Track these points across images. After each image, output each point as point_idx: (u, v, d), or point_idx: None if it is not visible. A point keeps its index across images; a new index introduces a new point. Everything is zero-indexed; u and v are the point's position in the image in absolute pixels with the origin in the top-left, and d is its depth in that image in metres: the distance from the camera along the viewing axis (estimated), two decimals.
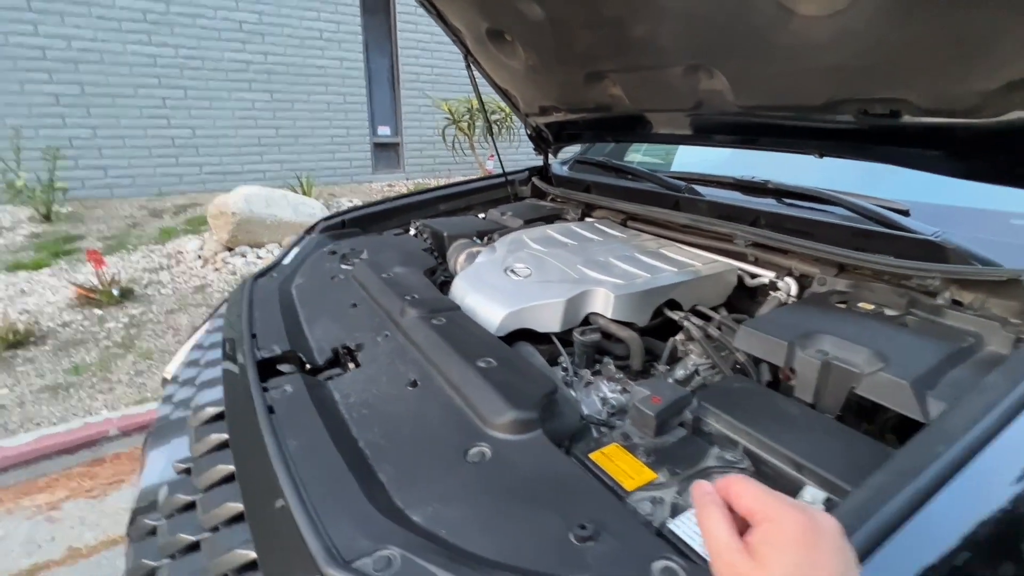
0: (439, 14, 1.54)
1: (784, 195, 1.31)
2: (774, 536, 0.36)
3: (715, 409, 0.80)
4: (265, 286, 1.36)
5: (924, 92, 0.80)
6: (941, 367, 0.76)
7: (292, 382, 0.86)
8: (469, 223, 1.75)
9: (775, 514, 0.37)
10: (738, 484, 0.41)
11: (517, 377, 0.80)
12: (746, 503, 0.39)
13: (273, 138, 6.39)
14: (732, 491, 0.40)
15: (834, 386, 0.82)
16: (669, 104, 1.28)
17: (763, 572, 0.35)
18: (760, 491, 0.39)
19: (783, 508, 0.37)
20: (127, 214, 5.12)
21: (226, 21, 5.75)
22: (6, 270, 3.82)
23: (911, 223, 1.04)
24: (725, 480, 0.42)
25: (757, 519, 0.38)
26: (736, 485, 0.41)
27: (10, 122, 4.85)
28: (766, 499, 0.38)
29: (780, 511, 0.37)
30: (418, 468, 0.67)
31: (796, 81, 0.94)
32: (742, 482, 0.41)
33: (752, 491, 0.39)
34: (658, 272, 1.18)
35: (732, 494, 0.40)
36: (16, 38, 4.80)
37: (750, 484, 0.40)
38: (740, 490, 0.40)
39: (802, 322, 0.93)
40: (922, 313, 0.92)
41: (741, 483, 0.41)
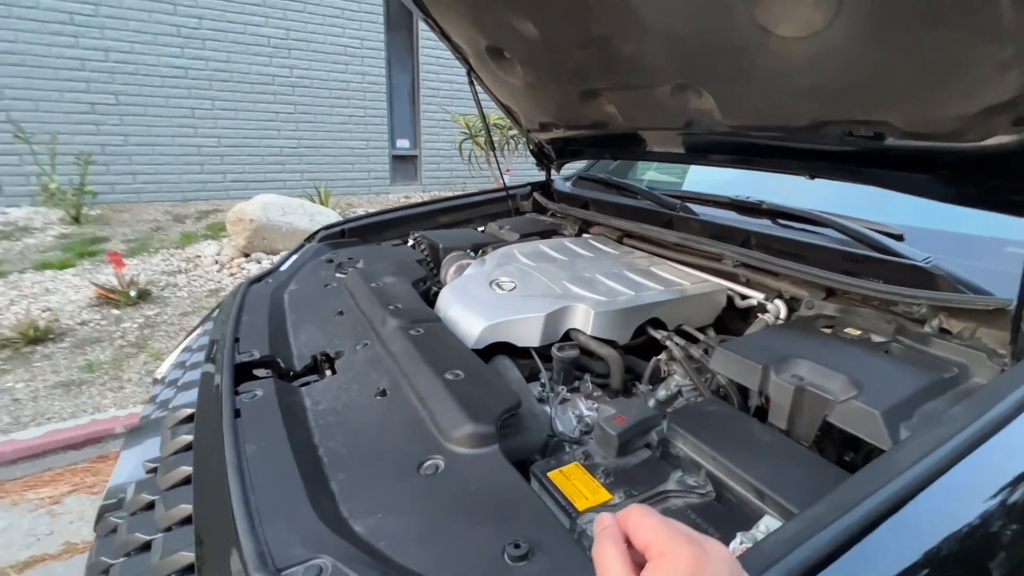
0: (442, 31, 1.58)
1: (778, 215, 1.29)
2: (665, 571, 0.35)
3: (684, 432, 0.79)
4: (259, 291, 1.38)
5: (905, 115, 0.78)
6: (919, 397, 0.74)
7: (264, 387, 0.87)
8: (466, 236, 1.76)
9: (667, 547, 0.36)
10: (636, 516, 0.39)
11: (481, 391, 0.80)
12: (642, 537, 0.38)
13: (295, 149, 6.57)
14: (630, 523, 0.39)
15: (808, 413, 0.80)
16: (661, 123, 1.28)
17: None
18: (656, 523, 0.38)
19: (675, 541, 0.36)
20: (152, 218, 5.30)
21: (255, 36, 5.98)
22: (33, 269, 3.98)
23: (903, 248, 1.01)
24: (625, 512, 0.41)
25: (651, 553, 0.37)
26: (634, 517, 0.39)
27: (48, 128, 5.09)
28: (660, 532, 0.37)
29: (672, 545, 0.36)
30: (370, 478, 0.67)
31: (780, 101, 0.93)
32: (640, 514, 0.39)
33: (648, 523, 0.38)
34: (643, 290, 1.17)
35: (630, 526, 0.39)
36: (57, 49, 5.06)
37: (648, 516, 0.39)
38: (637, 523, 0.39)
39: (781, 346, 0.90)
40: (908, 341, 0.89)
41: (639, 515, 0.39)
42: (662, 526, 0.38)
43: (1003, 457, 0.58)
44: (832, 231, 1.14)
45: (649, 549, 0.37)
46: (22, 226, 4.74)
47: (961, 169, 0.83)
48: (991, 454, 0.56)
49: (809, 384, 0.80)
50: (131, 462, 0.85)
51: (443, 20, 1.50)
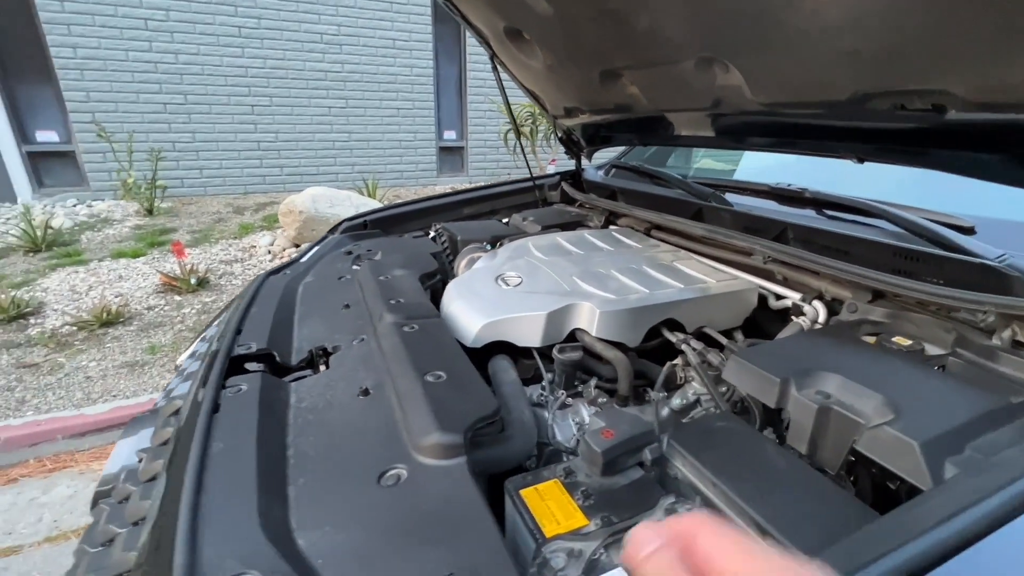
0: (461, 14, 1.52)
1: (824, 205, 1.14)
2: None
3: (683, 451, 0.69)
4: (275, 283, 1.40)
5: (968, 81, 0.64)
6: (974, 427, 0.60)
7: (250, 381, 0.86)
8: (486, 227, 1.70)
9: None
10: (704, 532, 0.29)
11: (459, 396, 0.74)
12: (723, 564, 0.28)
13: (347, 142, 6.76)
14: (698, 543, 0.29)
15: (834, 437, 0.68)
16: (687, 103, 1.16)
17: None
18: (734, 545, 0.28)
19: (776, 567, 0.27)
20: (215, 210, 5.64)
21: (309, 33, 6.17)
22: (111, 257, 4.34)
23: (972, 243, 0.85)
24: (684, 523, 0.30)
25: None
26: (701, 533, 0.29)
27: (127, 127, 5.52)
28: (745, 558, 0.27)
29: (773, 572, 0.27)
30: (330, 485, 0.64)
31: (816, 72, 0.80)
32: (709, 529, 0.29)
33: (724, 544, 0.28)
34: (659, 287, 1.07)
35: (699, 547, 0.29)
36: (134, 54, 5.46)
37: (719, 532, 0.29)
38: (709, 544, 0.28)
39: (810, 355, 0.78)
40: (969, 355, 0.75)
41: (708, 530, 0.29)
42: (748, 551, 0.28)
43: None
44: (886, 223, 0.99)
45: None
46: (104, 218, 5.19)
47: None
48: None
49: (836, 403, 0.69)
50: (126, 451, 0.87)
51: (460, 1, 1.43)
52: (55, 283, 3.88)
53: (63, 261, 4.21)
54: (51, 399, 2.78)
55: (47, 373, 2.97)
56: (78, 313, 3.49)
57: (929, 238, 0.89)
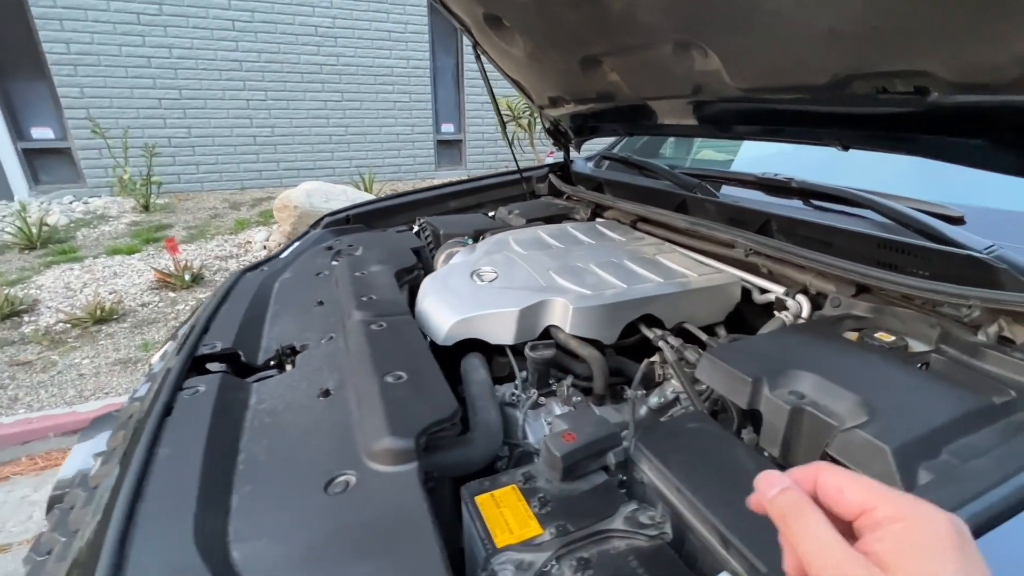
0: (441, 1, 1.47)
1: (809, 195, 1.10)
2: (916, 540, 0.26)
3: (650, 455, 0.66)
4: (251, 280, 1.37)
5: (951, 61, 0.60)
6: (953, 429, 0.57)
7: (208, 383, 0.83)
8: (471, 221, 1.67)
9: (909, 512, 0.27)
10: (836, 472, 0.30)
11: (416, 398, 0.71)
12: (856, 497, 0.28)
13: (343, 136, 6.71)
14: (829, 481, 0.30)
15: (807, 440, 0.65)
16: (668, 90, 1.11)
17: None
18: (871, 481, 0.29)
19: (916, 504, 0.27)
20: (211, 206, 5.62)
21: (303, 26, 6.11)
22: (106, 254, 4.33)
23: (960, 234, 0.81)
24: (809, 469, 0.31)
25: (878, 517, 0.27)
26: (834, 473, 0.30)
27: (122, 123, 5.49)
28: (885, 492, 0.28)
29: (914, 508, 0.27)
30: (276, 493, 0.61)
31: (792, 54, 0.76)
32: (839, 470, 0.30)
33: (860, 481, 0.29)
34: (637, 282, 1.03)
35: (829, 486, 0.30)
36: (127, 49, 5.42)
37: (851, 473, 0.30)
38: (841, 481, 0.29)
39: (785, 353, 0.75)
40: (953, 352, 0.71)
41: (839, 471, 0.30)
42: (881, 485, 0.29)
43: None
44: (873, 213, 0.95)
45: (873, 513, 0.27)
46: (100, 214, 5.18)
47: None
48: None
49: (810, 404, 0.65)
50: (82, 455, 0.85)
51: None
52: (50, 280, 3.87)
53: (58, 258, 4.20)
54: (44, 397, 2.78)
55: (40, 371, 2.96)
56: (72, 310, 3.48)
57: (916, 228, 0.85)
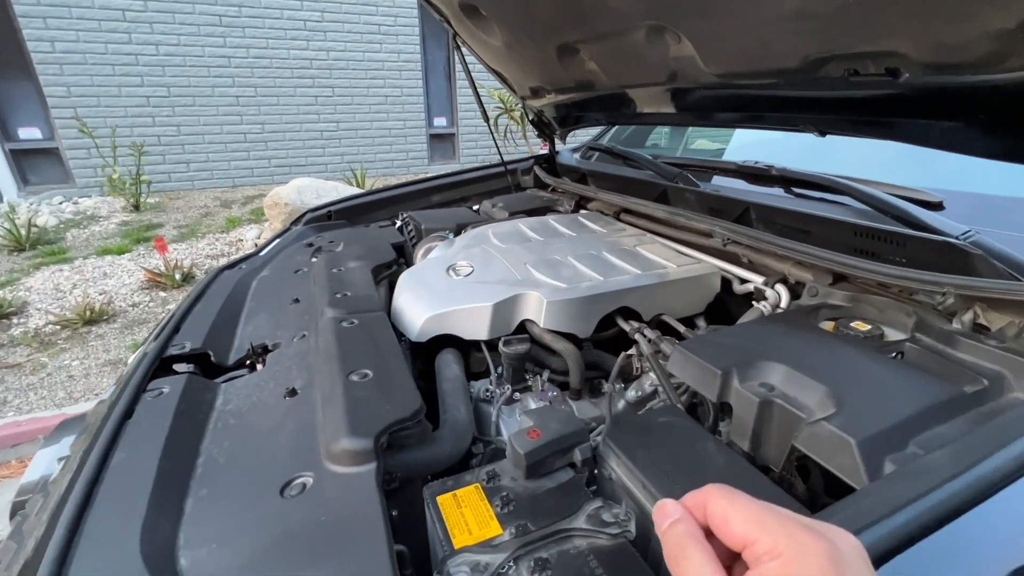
0: None
1: (789, 183, 1.08)
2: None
3: (617, 450, 0.65)
4: (229, 278, 1.35)
5: (918, 40, 0.58)
6: (922, 420, 0.55)
7: (173, 384, 0.82)
8: (453, 215, 1.65)
9: (785, 545, 0.26)
10: (721, 501, 0.30)
11: (380, 397, 0.70)
12: (738, 529, 0.28)
13: (335, 132, 6.66)
14: (715, 512, 0.30)
15: (777, 433, 0.64)
16: (645, 78, 1.09)
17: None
18: (754, 510, 0.29)
19: (794, 536, 0.26)
20: (202, 204, 5.58)
21: (291, 21, 6.04)
22: (95, 254, 4.30)
23: (938, 220, 0.79)
24: (700, 495, 0.32)
25: (758, 552, 0.27)
26: (719, 503, 0.30)
27: (110, 122, 5.44)
28: (766, 523, 0.28)
29: (791, 540, 0.26)
30: (231, 496, 0.60)
31: (762, 37, 0.73)
32: (725, 498, 0.30)
33: (743, 511, 0.29)
34: (615, 274, 1.01)
35: (716, 517, 0.30)
36: (113, 46, 5.35)
37: (736, 500, 0.30)
38: (726, 511, 0.30)
39: (758, 344, 0.73)
40: (928, 340, 0.69)
41: (724, 500, 0.30)
42: (764, 513, 0.28)
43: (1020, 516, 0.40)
44: (852, 200, 0.93)
45: (754, 547, 0.27)
46: (90, 215, 5.14)
47: (1003, 111, 0.61)
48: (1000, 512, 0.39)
49: (780, 396, 0.64)
50: (47, 459, 0.83)
51: None
52: (39, 282, 3.84)
53: (47, 260, 4.17)
54: (33, 399, 2.76)
55: (29, 373, 2.94)
56: (62, 312, 3.46)
57: (893, 215, 0.84)
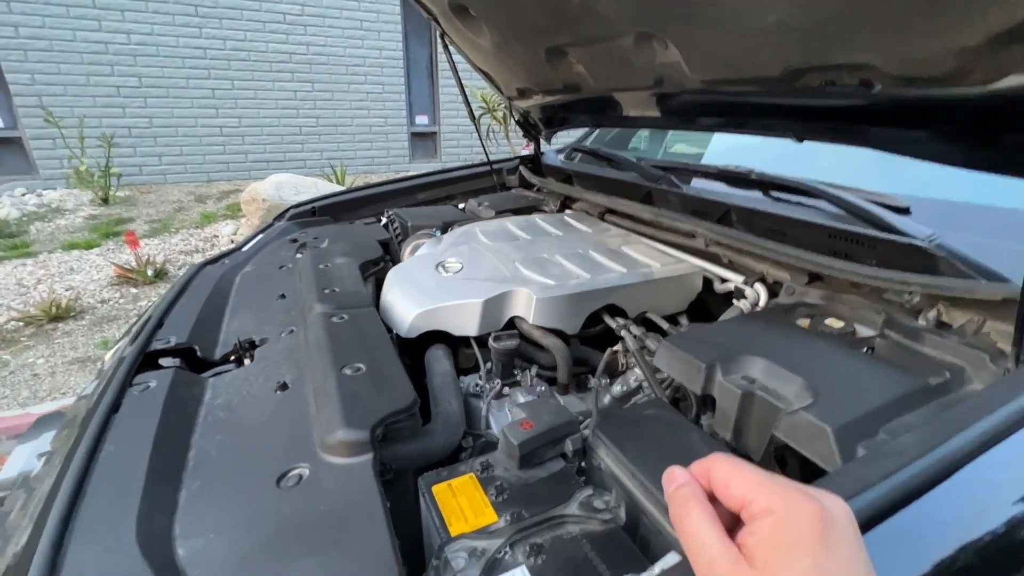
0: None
1: (768, 186, 1.12)
2: (779, 535, 0.28)
3: (607, 441, 0.67)
4: (211, 273, 1.33)
5: (889, 54, 0.62)
6: (890, 409, 0.59)
7: (160, 378, 0.81)
8: (439, 213, 1.65)
9: (779, 505, 0.29)
10: (724, 466, 0.33)
11: (373, 390, 0.71)
12: (737, 491, 0.31)
13: (314, 127, 6.56)
14: (718, 476, 0.33)
15: (757, 423, 0.67)
16: (631, 82, 1.12)
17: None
18: (753, 474, 0.32)
19: (788, 496, 0.29)
20: (175, 199, 5.43)
21: (271, 13, 5.93)
22: (61, 249, 4.14)
23: (905, 224, 0.84)
24: (705, 463, 0.35)
25: (754, 511, 0.30)
26: (722, 468, 0.33)
27: (77, 112, 5.25)
28: (764, 485, 0.31)
29: (785, 501, 0.29)
30: (225, 488, 0.60)
31: (745, 47, 0.77)
32: (728, 464, 0.33)
33: (743, 475, 0.32)
34: (601, 272, 1.04)
35: (718, 480, 0.33)
36: (82, 33, 5.17)
37: (738, 466, 0.33)
38: (727, 475, 0.32)
39: (739, 340, 0.77)
40: (896, 336, 0.74)
41: (727, 465, 0.33)
42: (763, 477, 0.31)
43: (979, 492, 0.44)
44: (827, 204, 0.98)
45: (751, 507, 0.30)
46: (55, 207, 4.95)
47: (967, 122, 0.66)
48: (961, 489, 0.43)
49: (760, 388, 0.67)
50: (25, 455, 0.81)
51: None
52: (0, 276, 3.68)
53: (9, 253, 4.00)
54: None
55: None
56: (25, 308, 3.32)
57: (864, 218, 0.88)
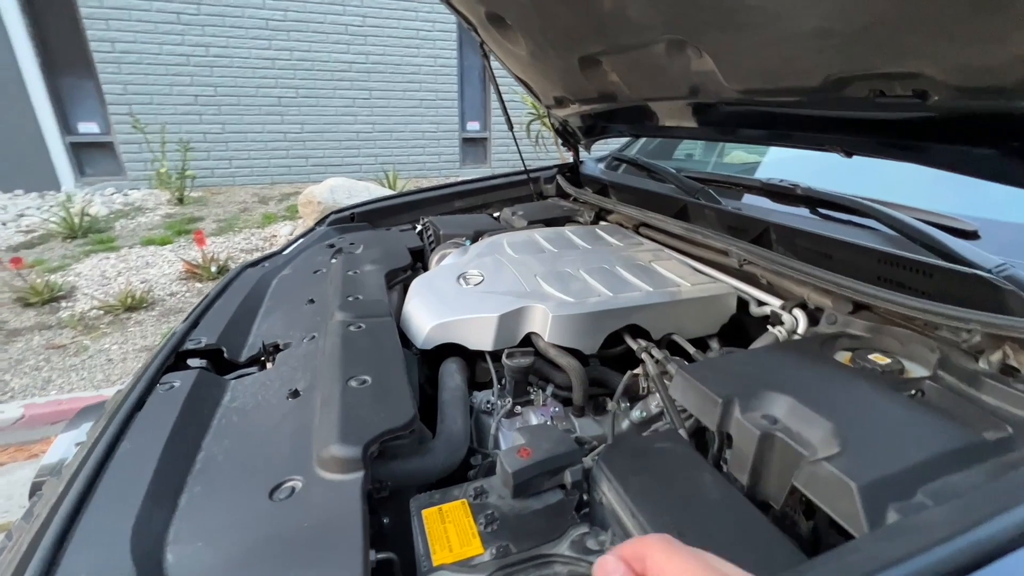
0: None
1: (814, 203, 1.04)
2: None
3: (610, 475, 0.63)
4: (251, 275, 1.39)
5: (945, 62, 0.54)
6: (934, 467, 0.52)
7: (185, 378, 0.85)
8: (472, 222, 1.65)
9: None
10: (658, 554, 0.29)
11: (375, 404, 0.70)
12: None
13: (370, 133, 6.81)
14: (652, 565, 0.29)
15: (778, 469, 0.61)
16: (666, 91, 1.07)
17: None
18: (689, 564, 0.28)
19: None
20: (241, 200, 5.79)
21: (334, 25, 6.22)
22: (140, 244, 4.52)
23: (970, 250, 0.74)
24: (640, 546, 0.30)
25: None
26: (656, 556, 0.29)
27: (160, 119, 5.72)
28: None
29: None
30: (223, 494, 0.61)
31: (783, 54, 0.71)
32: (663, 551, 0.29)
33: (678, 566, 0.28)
34: (625, 290, 1.00)
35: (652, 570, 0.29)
36: (167, 47, 5.63)
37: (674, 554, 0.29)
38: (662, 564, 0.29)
39: (766, 373, 0.70)
40: (951, 380, 0.65)
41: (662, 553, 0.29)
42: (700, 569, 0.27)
43: None
44: (879, 224, 0.89)
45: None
46: (138, 206, 5.41)
47: None
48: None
49: (782, 430, 0.61)
50: (64, 444, 0.87)
51: None
52: (87, 268, 4.06)
53: (96, 247, 4.41)
54: (74, 380, 2.92)
55: (72, 355, 3.11)
56: (106, 298, 3.64)
57: (922, 242, 0.79)
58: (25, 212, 5.11)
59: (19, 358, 3.05)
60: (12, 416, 2.62)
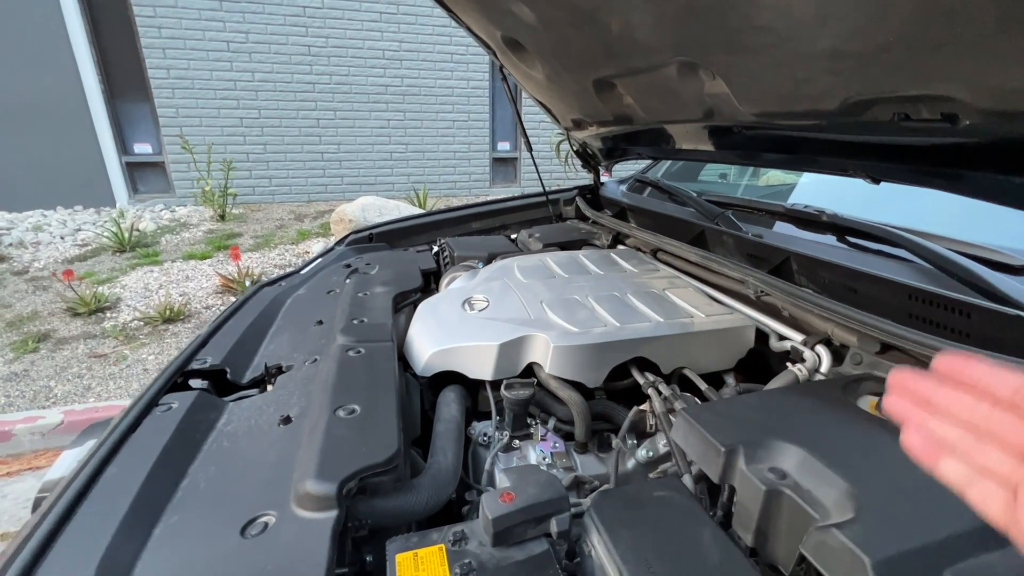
0: (464, 24, 1.48)
1: (841, 231, 0.97)
2: None
3: (601, 526, 0.59)
4: (267, 294, 1.41)
5: (974, 83, 0.49)
6: (966, 544, 0.45)
7: (184, 400, 0.85)
8: (488, 243, 1.64)
9: None
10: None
11: (358, 437, 0.68)
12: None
13: (403, 153, 6.98)
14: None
15: (785, 529, 0.55)
16: (681, 114, 1.03)
17: None
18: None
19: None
20: (279, 217, 6.01)
21: (372, 50, 6.47)
22: (182, 258, 4.73)
23: (1013, 287, 0.67)
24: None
25: None
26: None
27: (207, 140, 6.04)
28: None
29: None
30: (196, 527, 0.59)
31: (798, 76, 0.66)
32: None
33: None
34: (633, 320, 0.95)
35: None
36: (217, 73, 5.97)
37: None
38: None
39: (777, 419, 0.64)
40: None
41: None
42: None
43: None
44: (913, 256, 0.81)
45: None
46: (183, 222, 5.69)
47: None
48: None
49: (791, 487, 0.55)
50: (69, 460, 0.89)
51: (457, 9, 1.39)
52: (132, 280, 4.28)
53: (143, 261, 4.64)
54: (112, 388, 3.04)
55: (112, 364, 3.25)
56: (146, 309, 3.81)
57: (960, 277, 0.72)
58: (82, 227, 5.45)
59: (64, 365, 3.21)
60: (53, 421, 2.75)
